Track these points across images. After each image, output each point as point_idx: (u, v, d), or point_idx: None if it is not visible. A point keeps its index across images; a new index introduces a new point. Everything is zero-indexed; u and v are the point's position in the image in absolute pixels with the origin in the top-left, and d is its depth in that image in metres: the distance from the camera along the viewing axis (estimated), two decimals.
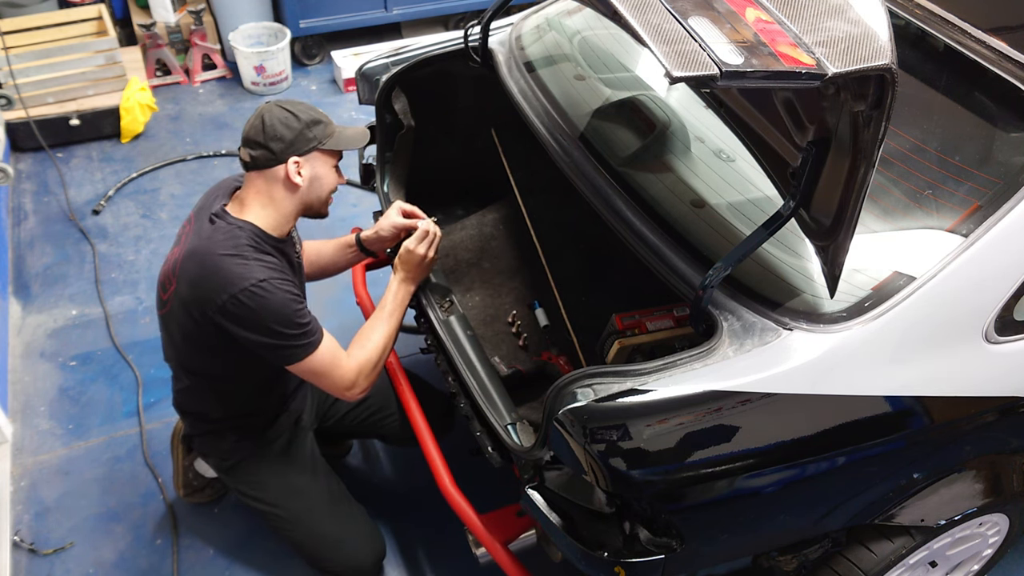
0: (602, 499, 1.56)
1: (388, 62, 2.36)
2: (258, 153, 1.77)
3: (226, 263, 1.71)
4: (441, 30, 4.72)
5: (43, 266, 3.24)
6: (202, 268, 1.73)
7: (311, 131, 1.79)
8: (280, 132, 1.76)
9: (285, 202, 1.82)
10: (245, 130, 1.79)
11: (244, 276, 1.70)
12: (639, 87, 2.22)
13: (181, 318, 1.82)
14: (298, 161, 1.79)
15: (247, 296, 1.69)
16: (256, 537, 2.37)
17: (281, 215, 1.84)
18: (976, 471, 1.82)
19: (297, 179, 1.79)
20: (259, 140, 1.76)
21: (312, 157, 1.81)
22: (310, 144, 1.80)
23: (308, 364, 1.80)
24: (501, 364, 2.26)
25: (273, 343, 1.75)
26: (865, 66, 1.16)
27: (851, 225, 1.36)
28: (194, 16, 4.23)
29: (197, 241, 1.78)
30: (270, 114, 1.77)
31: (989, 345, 1.61)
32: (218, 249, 1.73)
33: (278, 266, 1.79)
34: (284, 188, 1.81)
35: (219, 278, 1.70)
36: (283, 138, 1.76)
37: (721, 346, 1.50)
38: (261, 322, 1.71)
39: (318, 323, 1.83)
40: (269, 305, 1.71)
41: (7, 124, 3.67)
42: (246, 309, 1.70)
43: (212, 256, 1.72)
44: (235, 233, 1.76)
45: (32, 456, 2.57)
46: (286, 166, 1.78)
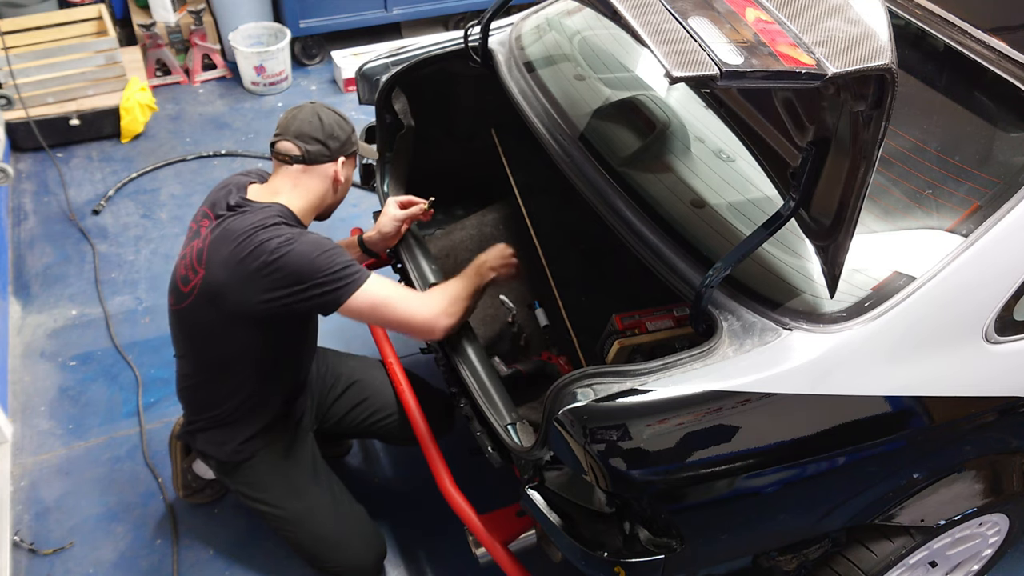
0: (602, 499, 1.56)
1: (388, 62, 2.37)
2: (315, 149, 1.86)
3: (256, 233, 1.75)
4: (441, 30, 4.73)
5: (43, 266, 3.24)
6: (236, 245, 1.75)
7: (354, 136, 1.95)
8: (337, 132, 1.88)
9: (318, 198, 1.92)
10: (297, 125, 1.86)
11: (276, 235, 1.74)
12: (639, 87, 2.22)
13: (207, 308, 1.82)
14: (344, 162, 1.92)
15: (280, 246, 1.72)
16: (256, 537, 2.37)
17: (308, 209, 1.91)
18: (976, 471, 1.82)
19: (341, 177, 1.92)
20: (317, 136, 1.86)
21: (350, 160, 1.96)
22: (353, 147, 1.95)
23: (367, 296, 1.78)
24: (501, 364, 2.25)
25: (321, 282, 1.74)
26: (865, 66, 1.16)
27: (851, 225, 1.36)
28: (194, 16, 4.23)
29: (223, 228, 1.80)
30: (325, 113, 1.88)
31: (989, 345, 1.61)
32: (248, 225, 1.76)
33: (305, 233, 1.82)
34: (327, 184, 1.92)
35: (254, 244, 1.73)
36: (339, 137, 1.89)
37: (721, 346, 1.50)
38: (304, 268, 1.73)
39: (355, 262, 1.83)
40: (308, 253, 1.73)
41: (7, 124, 3.67)
42: (282, 261, 1.71)
43: (243, 233, 1.75)
44: (264, 211, 1.80)
45: (32, 456, 2.57)
46: (336, 164, 1.90)
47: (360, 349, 2.55)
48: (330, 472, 2.19)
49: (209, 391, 2.02)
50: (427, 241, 2.54)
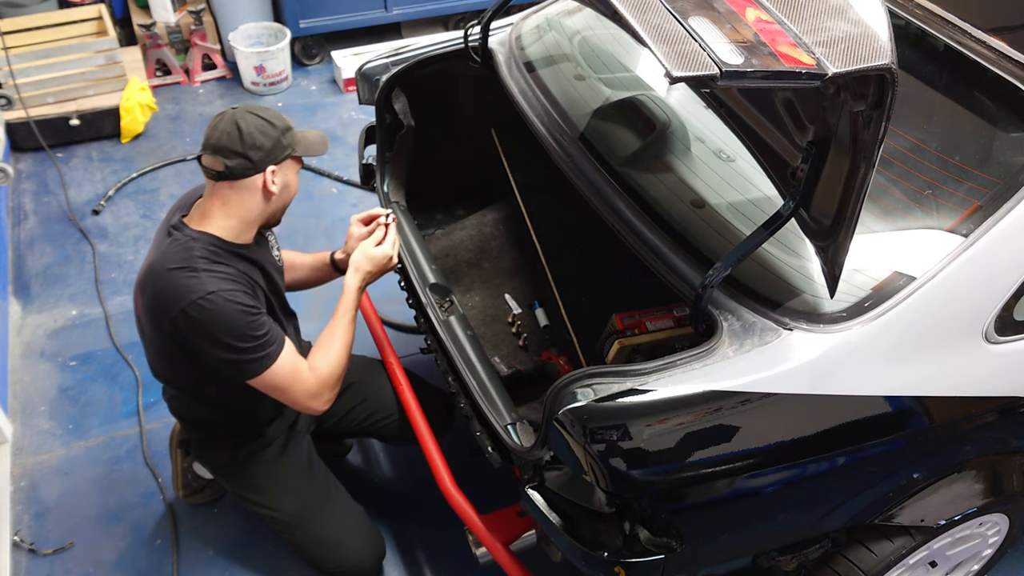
0: (602, 499, 1.56)
1: (388, 62, 2.36)
2: (235, 163, 1.70)
3: (175, 277, 1.68)
4: (441, 30, 4.72)
5: (43, 266, 3.24)
6: (155, 283, 1.71)
7: (286, 138, 1.76)
8: (259, 140, 1.71)
9: (254, 211, 1.78)
10: (215, 138, 1.71)
11: (192, 289, 1.67)
12: (639, 87, 2.22)
13: (149, 331, 1.83)
14: (274, 170, 1.75)
15: (196, 310, 1.66)
16: (256, 537, 2.37)
17: (245, 223, 1.79)
18: (976, 471, 1.82)
19: (273, 188, 1.75)
20: (236, 149, 1.70)
21: (285, 164, 1.78)
22: (285, 152, 1.76)
23: (268, 378, 1.76)
24: (501, 364, 2.26)
25: (228, 357, 1.72)
26: (865, 66, 1.16)
27: (851, 225, 1.36)
28: (194, 16, 4.23)
29: (153, 256, 1.77)
30: (245, 121, 1.71)
31: (989, 345, 1.61)
32: (169, 263, 1.70)
33: (232, 276, 1.74)
34: (257, 197, 1.76)
35: (169, 293, 1.68)
36: (262, 147, 1.71)
37: (721, 346, 1.50)
38: (213, 335, 1.69)
39: (278, 333, 1.79)
40: (219, 318, 1.67)
41: (7, 124, 3.67)
42: (196, 323, 1.67)
43: (163, 271, 1.70)
44: (188, 245, 1.72)
45: (32, 456, 2.57)
46: (264, 175, 1.73)
47: (359, 349, 2.54)
48: (328, 473, 2.19)
49: (183, 403, 2.03)
50: (427, 241, 2.54)
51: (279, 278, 2.00)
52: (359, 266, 1.95)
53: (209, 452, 2.09)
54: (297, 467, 2.11)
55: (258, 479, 2.06)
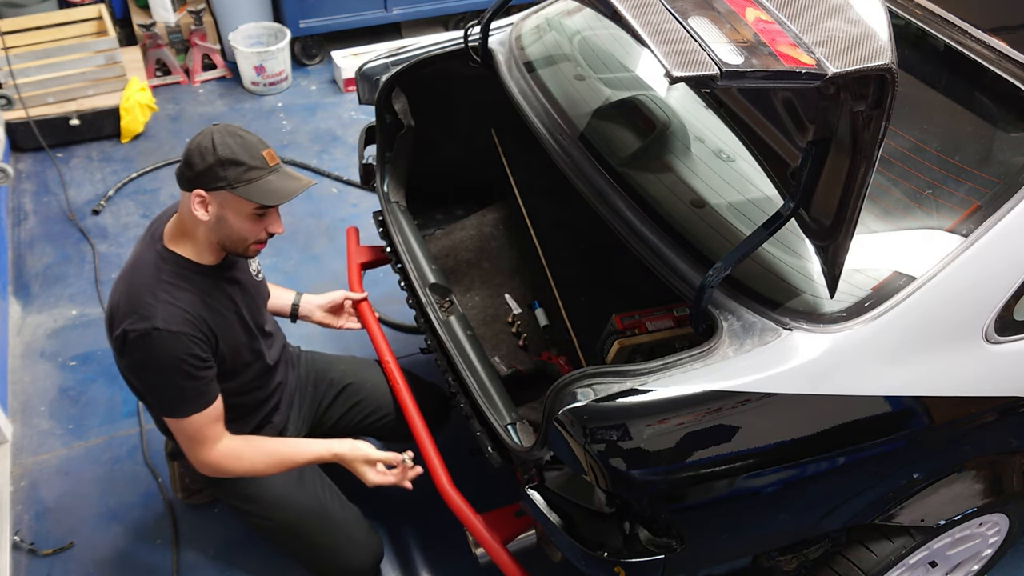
0: (602, 499, 1.56)
1: (388, 62, 2.36)
2: (178, 171, 1.70)
3: (135, 298, 1.69)
4: (441, 30, 4.72)
5: (43, 266, 3.24)
6: (118, 296, 1.73)
7: (224, 170, 1.65)
8: (193, 160, 1.65)
9: (196, 231, 1.75)
10: None
11: (144, 317, 1.67)
12: (639, 87, 2.22)
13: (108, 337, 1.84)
14: (203, 196, 1.67)
15: (136, 337, 1.67)
16: (256, 537, 2.36)
17: (198, 243, 1.76)
18: (976, 471, 1.82)
19: (198, 212, 1.68)
20: (183, 158, 1.68)
21: (222, 196, 1.68)
22: (218, 183, 1.66)
23: (173, 426, 1.80)
24: (501, 364, 2.26)
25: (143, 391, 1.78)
26: (865, 66, 1.16)
27: (851, 225, 1.36)
28: (194, 16, 4.23)
29: (127, 267, 1.79)
30: (200, 138, 1.67)
31: (989, 345, 1.61)
32: (136, 280, 1.72)
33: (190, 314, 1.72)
34: (192, 215, 1.71)
35: (125, 311, 1.69)
36: (194, 167, 1.65)
37: (721, 346, 1.50)
38: (141, 367, 1.72)
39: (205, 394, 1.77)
40: (152, 356, 1.68)
41: (7, 124, 3.67)
42: (130, 350, 1.69)
43: (128, 286, 1.72)
44: (158, 265, 1.73)
45: (32, 456, 2.57)
46: (191, 195, 1.68)
47: (360, 350, 2.55)
48: (320, 477, 2.15)
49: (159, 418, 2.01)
50: (427, 241, 2.54)
51: (257, 295, 1.99)
52: (343, 457, 1.94)
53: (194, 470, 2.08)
54: (288, 474, 2.05)
55: (248, 488, 2.02)
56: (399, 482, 1.96)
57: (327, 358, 2.32)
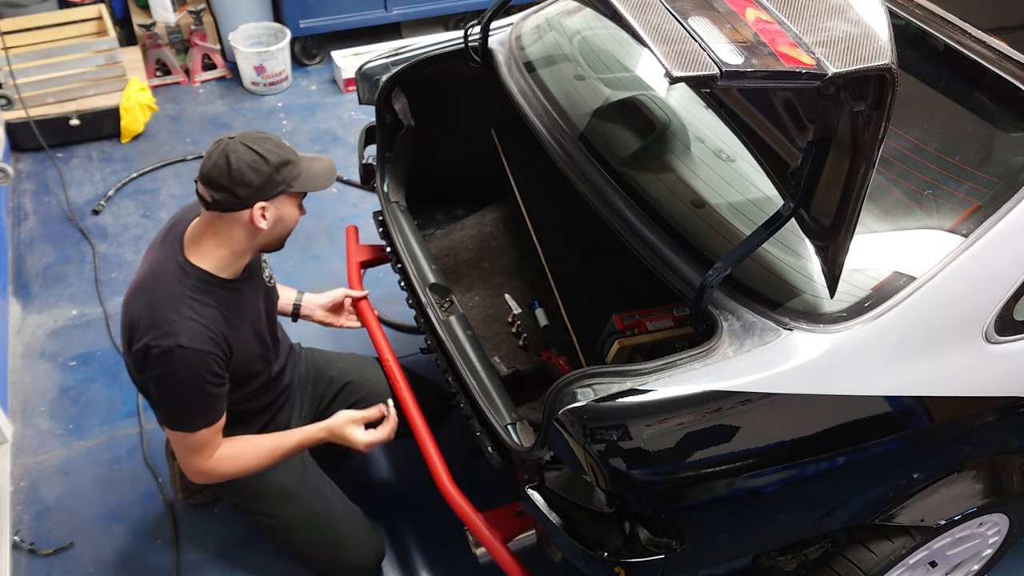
0: (602, 499, 1.56)
1: (388, 62, 2.36)
2: (221, 197, 1.63)
3: (158, 312, 1.67)
4: (441, 30, 4.72)
5: (43, 266, 3.24)
6: (140, 308, 1.70)
7: (280, 174, 1.66)
8: (248, 177, 1.62)
9: (243, 244, 1.73)
10: (207, 168, 1.64)
11: (168, 334, 1.65)
12: (639, 87, 2.22)
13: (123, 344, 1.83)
14: (264, 206, 1.67)
15: (159, 353, 1.65)
16: (256, 537, 2.36)
17: (235, 256, 1.75)
18: (976, 471, 1.82)
19: (261, 224, 1.68)
20: (223, 183, 1.62)
21: (279, 200, 1.70)
22: (278, 188, 1.67)
23: (176, 438, 1.79)
24: (501, 364, 2.26)
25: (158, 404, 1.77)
26: (865, 66, 1.16)
27: (851, 225, 1.36)
28: (194, 16, 4.23)
29: (146, 276, 1.75)
30: (236, 155, 1.62)
31: (989, 345, 1.61)
32: (159, 291, 1.70)
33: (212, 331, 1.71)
34: (245, 231, 1.70)
35: (147, 324, 1.67)
36: (250, 183, 1.63)
37: (721, 346, 1.50)
38: (159, 381, 1.70)
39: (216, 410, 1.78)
40: (173, 373, 1.67)
41: (7, 124, 3.67)
42: (151, 364, 1.67)
43: (151, 299, 1.70)
44: (181, 280, 1.71)
45: (32, 456, 2.57)
46: (251, 211, 1.66)
47: (360, 349, 2.54)
48: (322, 476, 2.17)
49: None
50: (427, 241, 2.54)
51: (270, 301, 1.99)
52: (331, 430, 1.94)
53: None
54: (291, 472, 2.07)
55: (251, 485, 2.02)
56: (389, 435, 1.94)
57: (327, 355, 2.32)
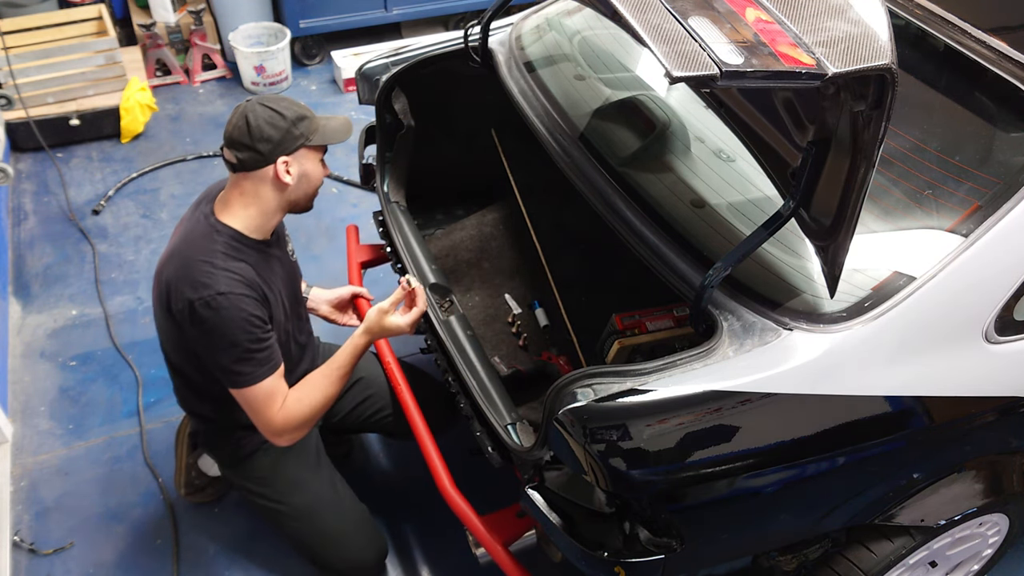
0: (602, 499, 1.56)
1: (388, 62, 2.37)
2: (245, 155, 1.73)
3: (194, 268, 1.71)
4: (441, 30, 4.72)
5: (43, 266, 3.24)
6: (175, 270, 1.75)
7: (297, 128, 1.75)
8: (267, 133, 1.71)
9: (272, 202, 1.80)
10: (228, 131, 1.74)
11: (206, 285, 1.70)
12: (639, 87, 2.22)
13: (160, 315, 1.85)
14: (287, 160, 1.75)
15: (202, 306, 1.69)
16: (256, 537, 2.37)
17: (265, 215, 1.82)
18: (976, 471, 1.82)
19: (286, 178, 1.76)
20: (245, 142, 1.71)
21: (299, 154, 1.78)
22: (298, 142, 1.76)
23: (245, 395, 1.80)
24: (501, 364, 2.26)
25: (216, 361, 1.76)
26: (865, 66, 1.16)
27: (851, 225, 1.36)
28: (194, 16, 4.23)
29: (179, 242, 1.80)
30: (254, 114, 1.72)
31: (989, 345, 1.61)
32: (192, 253, 1.74)
33: (247, 281, 1.76)
34: (272, 188, 1.78)
35: (185, 282, 1.71)
36: (270, 139, 1.72)
37: (721, 346, 1.50)
38: (211, 335, 1.72)
39: (274, 356, 1.81)
40: (222, 321, 1.70)
41: (7, 124, 3.67)
42: (199, 318, 1.70)
43: (185, 259, 1.74)
44: (213, 237, 1.76)
45: (32, 456, 2.57)
46: (275, 167, 1.75)
47: None
48: (333, 469, 2.20)
49: (188, 392, 2.03)
50: (427, 241, 2.54)
51: (294, 275, 2.03)
52: (371, 330, 1.95)
53: (218, 444, 2.09)
54: (305, 460, 2.11)
55: (266, 471, 2.06)
56: (424, 306, 1.96)
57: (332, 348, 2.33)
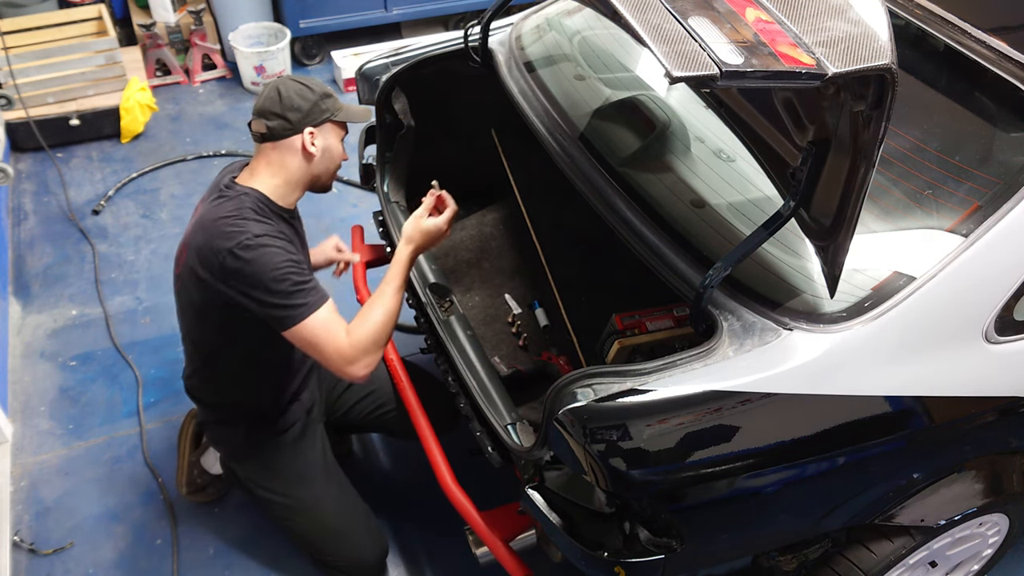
0: (602, 499, 1.56)
1: (388, 62, 2.36)
2: (275, 123, 1.82)
3: (226, 223, 1.75)
4: (441, 30, 4.72)
5: (43, 266, 3.24)
6: (206, 232, 1.77)
7: (324, 103, 1.86)
8: (297, 103, 1.82)
9: (297, 172, 1.87)
10: (259, 103, 1.84)
11: (241, 231, 1.74)
12: (639, 87, 2.22)
13: (191, 289, 1.86)
14: (313, 131, 1.85)
15: (242, 249, 1.71)
16: (257, 536, 2.37)
17: (290, 185, 1.88)
18: (976, 471, 1.82)
19: (312, 148, 1.85)
20: (275, 110, 1.82)
21: (325, 128, 1.87)
22: (324, 115, 1.86)
23: (303, 330, 1.75)
24: (501, 364, 2.26)
25: (268, 301, 1.73)
26: (865, 66, 1.16)
27: (851, 225, 1.36)
28: (194, 16, 4.23)
29: (205, 211, 1.84)
30: (285, 86, 1.83)
31: (989, 345, 1.61)
32: (221, 213, 1.78)
33: (278, 230, 1.81)
34: (298, 157, 1.86)
35: (218, 238, 1.74)
36: (300, 108, 1.82)
37: (721, 346, 1.50)
38: (257, 276, 1.72)
39: (320, 289, 1.80)
40: (263, 259, 1.72)
41: (7, 124, 3.67)
42: (241, 263, 1.71)
43: (215, 220, 1.77)
44: (240, 200, 1.81)
45: (32, 456, 2.57)
46: (302, 136, 1.84)
47: None
48: (338, 466, 2.22)
49: (206, 378, 2.04)
50: None
51: (305, 249, 2.07)
52: (411, 238, 1.95)
53: (226, 435, 2.09)
54: (311, 455, 2.12)
55: (272, 464, 2.07)
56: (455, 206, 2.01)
57: None
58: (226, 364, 1.98)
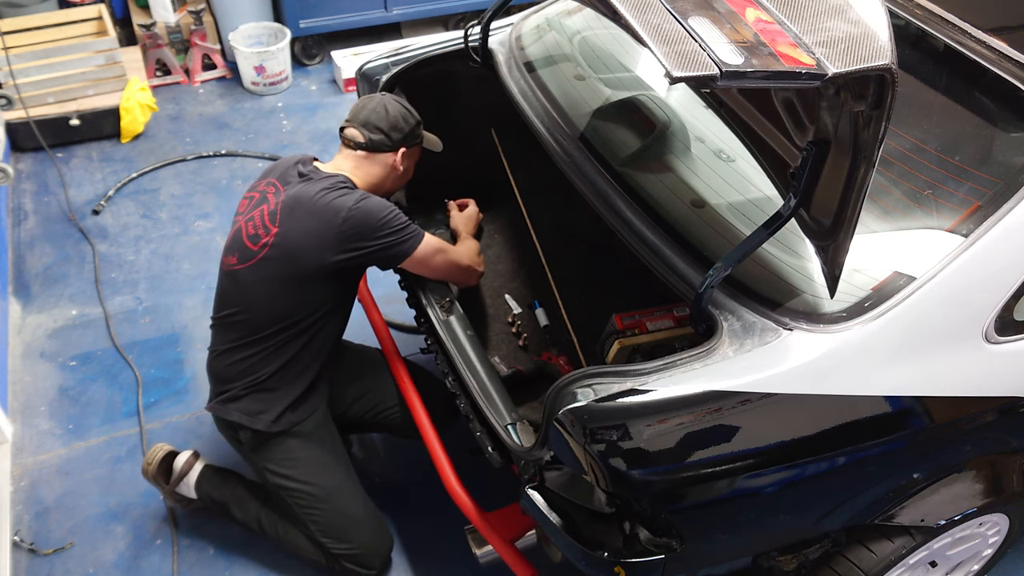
0: (602, 499, 1.56)
1: (388, 62, 2.37)
2: (378, 138, 2.03)
3: (329, 197, 1.93)
4: (441, 30, 4.72)
5: (43, 266, 3.24)
6: (312, 209, 1.92)
7: (418, 130, 2.10)
8: (401, 124, 2.04)
9: (376, 181, 2.07)
10: (364, 115, 2.03)
11: (350, 197, 1.93)
12: (639, 87, 2.22)
13: (275, 265, 1.95)
14: (405, 152, 2.07)
15: (358, 209, 1.91)
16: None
17: (365, 188, 2.04)
18: (976, 471, 1.82)
19: (400, 167, 2.08)
20: (381, 126, 2.02)
21: (412, 151, 2.11)
22: (416, 140, 2.10)
23: (421, 254, 2.00)
24: (501, 364, 2.26)
25: (389, 239, 1.94)
26: (865, 66, 1.16)
27: (851, 225, 1.36)
28: (194, 16, 4.23)
29: (296, 191, 1.97)
30: (392, 106, 2.04)
31: (989, 345, 1.61)
32: (319, 189, 1.94)
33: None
34: (385, 171, 2.07)
35: (330, 211, 1.91)
36: (402, 129, 2.04)
37: (721, 346, 1.50)
38: (376, 223, 1.92)
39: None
40: (377, 210, 1.93)
41: (7, 124, 3.67)
42: (362, 215, 1.91)
43: (317, 198, 1.93)
44: (331, 179, 1.98)
45: (32, 456, 2.57)
46: (395, 155, 2.06)
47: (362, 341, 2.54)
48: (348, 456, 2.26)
49: (253, 353, 2.04)
50: None
51: None
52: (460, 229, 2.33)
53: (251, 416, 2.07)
54: (330, 444, 2.17)
55: (293, 451, 2.10)
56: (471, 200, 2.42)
57: (346, 343, 2.34)
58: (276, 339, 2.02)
